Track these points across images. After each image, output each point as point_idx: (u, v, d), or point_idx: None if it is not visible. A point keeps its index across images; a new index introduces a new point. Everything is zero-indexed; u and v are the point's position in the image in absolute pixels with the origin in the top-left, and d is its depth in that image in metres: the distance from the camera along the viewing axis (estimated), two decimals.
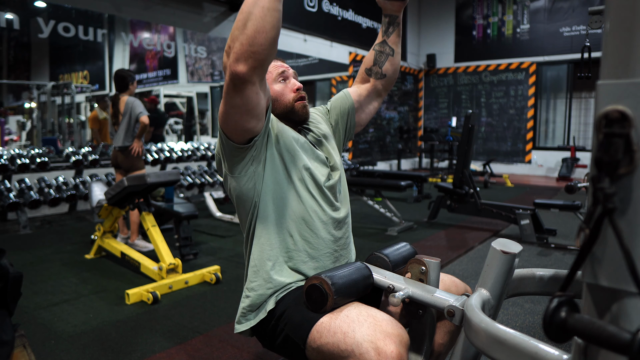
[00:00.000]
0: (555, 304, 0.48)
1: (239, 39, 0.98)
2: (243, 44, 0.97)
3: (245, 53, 0.97)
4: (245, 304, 1.19)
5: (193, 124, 8.72)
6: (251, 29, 0.96)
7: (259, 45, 0.97)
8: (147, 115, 3.73)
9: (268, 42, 0.98)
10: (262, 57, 0.99)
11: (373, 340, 0.92)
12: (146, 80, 8.13)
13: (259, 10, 0.96)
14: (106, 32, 5.91)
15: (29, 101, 7.57)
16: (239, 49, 0.98)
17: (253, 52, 0.97)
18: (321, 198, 1.23)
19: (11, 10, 4.93)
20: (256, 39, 0.97)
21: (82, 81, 7.86)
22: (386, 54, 1.42)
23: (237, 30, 0.98)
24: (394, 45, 1.41)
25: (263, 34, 0.97)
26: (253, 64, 0.98)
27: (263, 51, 0.98)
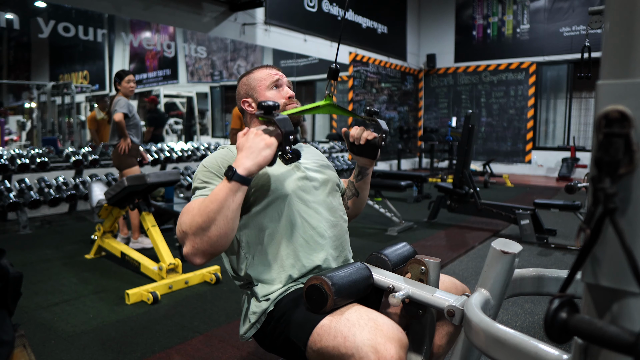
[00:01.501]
0: (556, 305, 0.48)
1: (200, 236, 1.04)
2: (204, 243, 1.04)
3: (205, 252, 1.05)
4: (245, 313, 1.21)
5: (193, 124, 8.71)
6: (214, 234, 1.03)
7: (219, 246, 1.05)
8: (123, 113, 3.66)
9: (228, 242, 1.07)
10: (219, 252, 1.07)
11: (373, 344, 0.92)
12: (146, 80, 8.13)
13: (222, 219, 1.03)
14: (106, 32, 5.91)
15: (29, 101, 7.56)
16: (199, 246, 1.04)
17: (213, 251, 1.06)
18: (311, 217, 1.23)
19: (11, 10, 4.93)
20: (218, 242, 1.04)
21: (82, 81, 7.85)
22: (352, 193, 1.45)
23: (198, 228, 1.03)
24: (361, 190, 1.45)
25: (224, 238, 1.05)
26: (210, 257, 1.07)
27: (221, 249, 1.07)
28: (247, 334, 1.20)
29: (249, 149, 1.06)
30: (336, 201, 1.33)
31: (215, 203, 1.03)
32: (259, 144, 1.06)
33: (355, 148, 1.36)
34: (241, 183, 1.04)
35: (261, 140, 1.06)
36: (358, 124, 1.41)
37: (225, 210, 1.03)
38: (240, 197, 1.05)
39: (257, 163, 1.05)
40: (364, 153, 1.36)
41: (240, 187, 1.04)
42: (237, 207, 1.05)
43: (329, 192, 1.31)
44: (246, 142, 1.07)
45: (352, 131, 1.33)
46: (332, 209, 1.29)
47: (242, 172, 1.04)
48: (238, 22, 6.79)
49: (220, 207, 1.02)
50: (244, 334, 1.20)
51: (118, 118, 3.64)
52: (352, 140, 1.33)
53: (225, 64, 7.80)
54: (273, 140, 1.07)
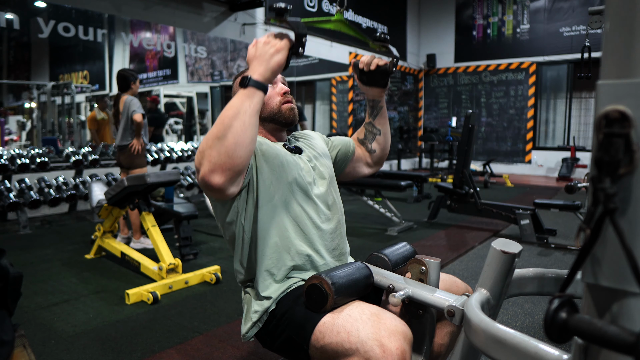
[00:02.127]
0: (556, 305, 0.48)
1: (217, 148, 0.97)
2: (221, 154, 0.97)
3: (223, 165, 0.97)
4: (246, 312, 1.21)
5: (193, 124, 8.71)
6: (231, 141, 0.97)
7: (238, 157, 0.98)
8: (142, 114, 3.72)
9: (247, 154, 1.00)
10: (239, 169, 1.00)
11: (377, 337, 0.92)
12: (146, 80, 8.13)
13: (239, 124, 0.98)
14: (106, 32, 5.91)
15: (29, 101, 7.56)
16: (216, 159, 0.97)
17: (232, 165, 0.98)
18: (311, 208, 1.23)
19: (11, 10, 4.93)
20: (236, 152, 0.97)
21: (82, 81, 7.85)
22: (374, 133, 1.44)
23: (215, 139, 0.98)
24: (380, 126, 1.44)
25: (243, 147, 0.98)
26: (230, 176, 0.99)
27: (241, 163, 0.99)
28: (248, 333, 1.19)
29: (259, 57, 1.05)
30: (336, 195, 1.33)
31: (231, 110, 1.00)
32: (268, 50, 1.05)
33: (365, 77, 1.34)
34: (257, 88, 1.02)
35: (271, 47, 1.05)
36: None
37: (242, 115, 0.99)
38: (257, 103, 1.01)
39: (270, 68, 1.04)
40: (374, 82, 1.34)
41: (257, 92, 1.02)
42: (254, 112, 1.01)
43: (329, 184, 1.31)
44: (255, 51, 1.06)
45: (362, 58, 1.32)
46: (333, 202, 1.30)
47: (257, 78, 1.02)
48: (238, 22, 6.79)
49: (236, 112, 0.99)
50: (246, 333, 1.20)
51: (140, 119, 3.69)
52: (362, 67, 1.32)
53: (225, 64, 7.80)
54: (284, 44, 1.06)
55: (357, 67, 1.34)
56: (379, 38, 1.31)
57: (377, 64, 1.30)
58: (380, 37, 1.31)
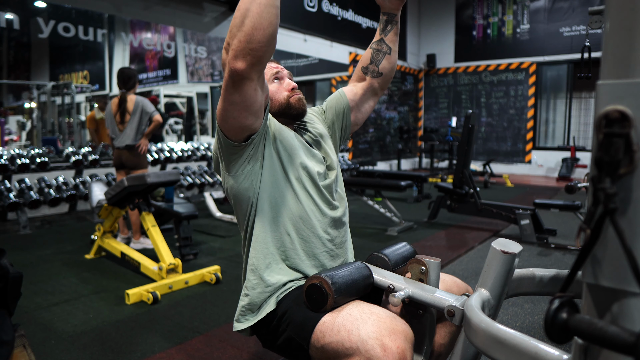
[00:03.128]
0: (557, 305, 0.48)
1: (237, 35, 0.98)
2: (241, 40, 0.98)
3: (243, 50, 0.98)
4: (244, 302, 1.19)
5: (193, 124, 8.72)
6: (249, 26, 0.97)
7: (257, 42, 0.98)
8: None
9: (266, 38, 0.98)
10: (260, 54, 0.99)
11: (378, 336, 0.91)
12: (146, 80, 8.13)
13: (256, 7, 0.97)
14: (106, 32, 5.92)
15: (29, 101, 7.56)
16: (237, 46, 0.98)
17: (251, 49, 0.98)
18: (318, 197, 1.23)
19: (11, 10, 4.93)
20: (254, 36, 0.97)
21: (82, 81, 7.85)
22: (383, 52, 1.42)
23: (235, 27, 0.99)
24: (392, 44, 1.41)
25: (261, 31, 0.97)
26: (251, 61, 0.99)
27: (261, 48, 0.99)
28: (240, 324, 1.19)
29: None
30: (341, 185, 1.34)
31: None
32: None
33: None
34: None
35: None
36: None
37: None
38: None
39: None
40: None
41: None
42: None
43: (335, 176, 1.31)
44: None
45: None
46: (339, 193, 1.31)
47: None
48: None
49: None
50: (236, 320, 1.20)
51: (160, 119, 3.74)
52: None
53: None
54: None
55: None
56: None
57: None
58: None
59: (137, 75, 3.80)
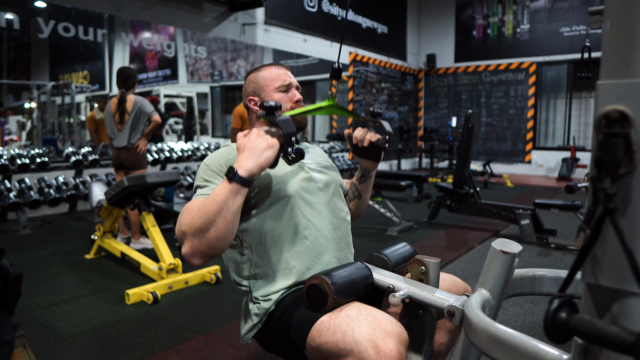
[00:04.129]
0: (556, 305, 0.48)
1: (199, 237, 1.03)
2: (202, 244, 1.03)
3: (203, 253, 1.04)
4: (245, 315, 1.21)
5: (193, 124, 8.71)
6: (213, 236, 1.02)
7: (218, 248, 1.04)
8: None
9: (226, 245, 1.05)
10: (217, 254, 1.06)
11: (372, 339, 0.92)
12: (146, 80, 8.13)
13: (222, 221, 1.01)
14: (106, 32, 5.91)
15: (29, 101, 7.56)
16: (197, 247, 1.03)
17: (211, 253, 1.05)
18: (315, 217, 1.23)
19: (11, 10, 4.93)
20: (217, 244, 1.03)
21: (82, 81, 7.85)
22: (355, 195, 1.45)
23: (197, 229, 1.02)
24: (362, 192, 1.44)
25: (223, 241, 1.04)
26: (209, 259, 1.06)
27: (220, 251, 1.06)
28: (248, 334, 1.19)
29: (250, 150, 1.04)
30: (340, 202, 1.33)
31: (215, 205, 1.01)
32: (260, 144, 1.04)
33: (358, 150, 1.35)
34: (242, 185, 1.02)
35: (263, 141, 1.04)
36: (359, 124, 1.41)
37: (225, 212, 1.01)
38: (240, 200, 1.03)
39: (259, 164, 1.03)
40: (368, 155, 1.35)
41: (241, 189, 1.02)
42: (237, 209, 1.03)
43: (333, 194, 1.31)
44: (247, 142, 1.05)
45: (355, 133, 1.32)
46: (336, 210, 1.29)
47: (243, 174, 1.01)
48: (238, 22, 6.79)
49: (220, 209, 1.01)
50: (245, 334, 1.20)
51: (158, 119, 3.73)
52: (355, 143, 1.33)
53: (225, 64, 7.81)
54: (275, 141, 1.05)
55: (351, 140, 1.34)
56: (372, 113, 1.32)
57: (369, 140, 1.30)
58: (373, 112, 1.32)
59: (136, 75, 3.80)
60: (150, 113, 3.71)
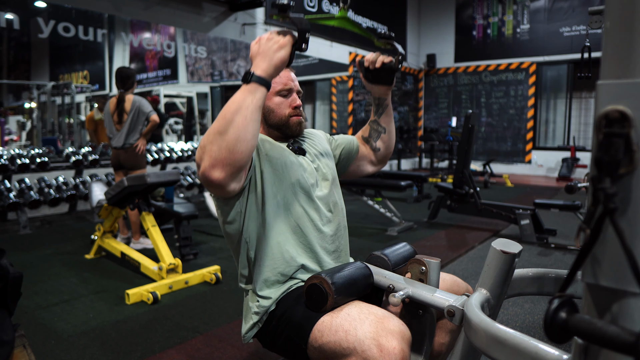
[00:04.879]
0: (556, 305, 0.48)
1: (217, 143, 0.97)
2: (222, 149, 0.97)
3: (224, 160, 0.97)
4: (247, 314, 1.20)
5: (193, 124, 8.71)
6: (232, 136, 0.97)
7: (239, 152, 0.98)
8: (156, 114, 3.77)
9: (249, 150, 0.99)
10: (240, 165, 1.00)
11: (375, 337, 0.91)
12: (146, 80, 8.13)
13: (241, 119, 0.97)
14: (106, 32, 5.91)
15: (29, 101, 7.56)
16: (217, 154, 0.97)
17: (232, 160, 0.98)
18: (313, 210, 1.22)
19: (11, 10, 4.92)
20: (237, 147, 0.97)
21: (82, 81, 7.85)
22: (378, 131, 1.44)
23: (216, 134, 0.98)
24: (385, 125, 1.44)
25: (244, 143, 0.98)
26: (231, 171, 0.99)
27: (242, 159, 0.99)
28: (248, 333, 1.19)
29: (262, 54, 1.04)
30: (338, 196, 1.33)
31: (234, 104, 0.99)
32: (272, 47, 1.04)
33: (370, 75, 1.34)
34: (259, 84, 1.01)
35: (274, 43, 1.04)
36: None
37: (244, 110, 0.98)
38: (259, 98, 1.01)
39: (273, 65, 1.03)
40: (380, 79, 1.34)
41: (259, 88, 1.01)
42: (256, 107, 1.00)
43: (332, 186, 1.30)
44: (259, 47, 1.06)
45: (367, 56, 1.32)
46: (335, 204, 1.29)
47: (260, 74, 1.02)
48: (238, 22, 6.79)
49: (238, 107, 0.98)
50: (246, 333, 1.20)
51: (156, 119, 3.72)
52: (367, 65, 1.32)
53: (225, 64, 7.80)
54: (287, 40, 1.05)
55: (362, 65, 1.34)
56: (384, 35, 1.31)
57: (382, 61, 1.29)
58: (384, 34, 1.31)
59: (135, 75, 3.80)
60: (149, 113, 3.71)
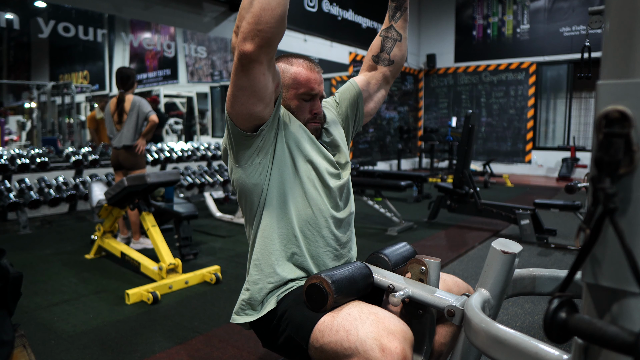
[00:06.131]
0: (556, 305, 0.48)
1: (246, 17, 0.98)
2: (249, 22, 0.97)
3: (252, 32, 0.97)
4: (245, 296, 1.19)
5: (193, 124, 8.71)
6: (257, 7, 0.96)
7: (265, 23, 0.96)
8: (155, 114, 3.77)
9: (275, 19, 0.97)
10: (269, 35, 0.98)
11: (377, 337, 0.91)
12: (146, 80, 8.13)
13: None
14: (106, 32, 5.91)
15: (29, 101, 7.56)
16: (246, 28, 0.97)
17: (259, 31, 0.96)
18: (326, 196, 1.22)
19: (11, 10, 4.92)
20: (262, 17, 0.96)
21: (82, 81, 7.86)
22: (393, 39, 1.40)
23: (244, 9, 0.99)
24: (401, 30, 1.40)
25: (269, 12, 0.96)
26: (260, 43, 0.98)
27: (270, 29, 0.97)
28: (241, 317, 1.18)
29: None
30: (350, 188, 1.33)
31: None
32: None
33: None
34: None
35: None
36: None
37: None
38: None
39: None
40: None
41: None
42: None
43: (347, 178, 1.30)
44: None
45: None
46: (347, 195, 1.29)
47: None
48: None
49: None
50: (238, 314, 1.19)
51: (156, 119, 3.72)
52: None
53: (225, 64, 7.80)
54: None
55: None
56: None
57: None
58: None
59: (135, 75, 3.80)
60: (148, 113, 3.71)
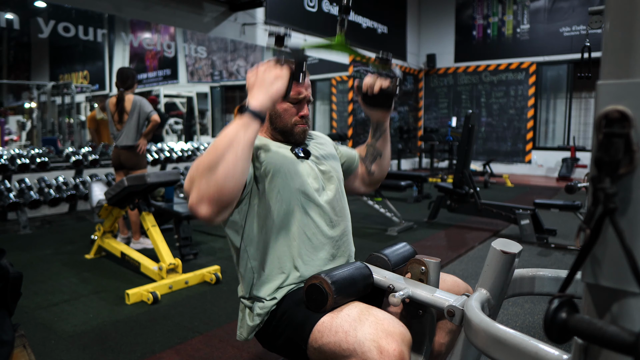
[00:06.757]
0: (556, 305, 0.48)
1: (206, 178, 0.95)
2: (210, 186, 0.95)
3: (211, 197, 0.95)
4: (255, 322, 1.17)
5: (193, 124, 8.72)
6: (221, 173, 0.94)
7: (227, 190, 0.95)
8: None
9: (237, 188, 0.98)
10: (227, 202, 0.98)
11: (375, 339, 0.91)
12: (146, 80, 8.14)
13: (232, 156, 0.95)
14: (106, 32, 5.91)
15: (29, 101, 7.57)
16: (205, 191, 0.95)
17: (219, 198, 0.95)
18: (318, 215, 1.20)
19: (11, 10, 4.92)
20: (225, 185, 0.95)
21: (82, 81, 7.86)
22: (374, 155, 1.42)
23: (205, 169, 0.95)
24: (381, 149, 1.42)
25: (233, 181, 0.96)
26: (217, 209, 0.97)
27: (230, 197, 0.97)
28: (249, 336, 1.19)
29: (259, 85, 1.02)
30: (343, 199, 1.31)
31: (225, 138, 0.96)
32: (268, 77, 1.02)
33: (368, 99, 1.32)
34: (253, 116, 0.99)
35: (271, 74, 1.03)
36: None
37: (235, 145, 0.95)
38: (252, 133, 0.98)
39: (270, 96, 1.01)
40: (378, 104, 1.32)
41: (253, 122, 0.99)
42: (247, 143, 0.97)
43: (337, 189, 1.29)
44: (255, 78, 1.04)
45: (365, 80, 1.30)
46: (340, 208, 1.28)
47: (255, 106, 0.99)
48: (238, 22, 6.79)
49: (229, 142, 0.96)
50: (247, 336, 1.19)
51: (157, 119, 3.71)
52: (365, 90, 1.30)
53: (225, 64, 7.81)
54: (284, 71, 1.03)
55: (360, 89, 1.31)
56: (381, 59, 1.28)
57: (380, 86, 1.26)
58: (382, 57, 1.28)
59: (135, 75, 3.79)
60: (149, 113, 3.71)
